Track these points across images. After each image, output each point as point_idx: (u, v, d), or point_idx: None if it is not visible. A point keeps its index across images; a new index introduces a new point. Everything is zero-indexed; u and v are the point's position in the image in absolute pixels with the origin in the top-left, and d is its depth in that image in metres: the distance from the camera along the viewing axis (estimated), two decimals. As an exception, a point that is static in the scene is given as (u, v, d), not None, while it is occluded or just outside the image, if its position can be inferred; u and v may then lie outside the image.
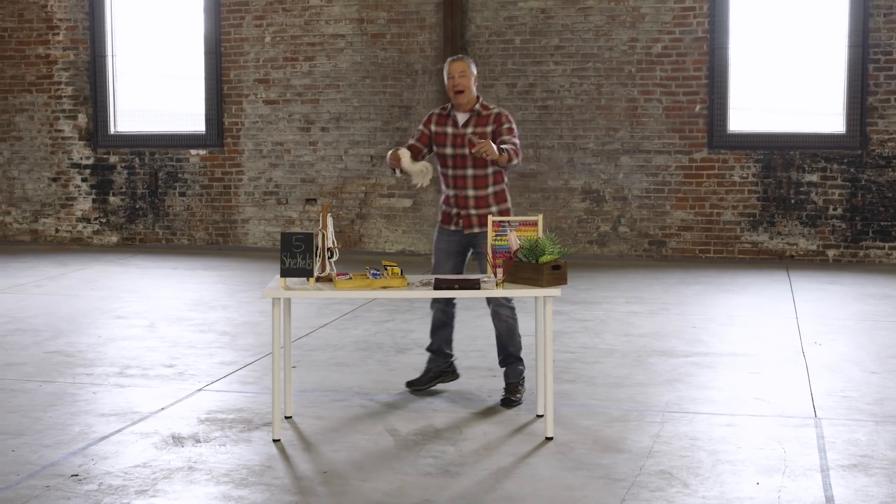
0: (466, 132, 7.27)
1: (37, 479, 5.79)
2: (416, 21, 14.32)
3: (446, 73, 7.31)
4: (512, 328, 7.41)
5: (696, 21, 13.53)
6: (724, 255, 13.66)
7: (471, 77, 7.28)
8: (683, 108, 13.66)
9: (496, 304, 7.37)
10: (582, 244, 14.05)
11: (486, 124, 7.29)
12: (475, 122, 7.30)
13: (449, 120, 7.38)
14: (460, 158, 7.28)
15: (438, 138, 7.36)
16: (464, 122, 7.32)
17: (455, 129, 7.32)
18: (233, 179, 15.05)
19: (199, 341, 9.29)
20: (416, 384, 7.55)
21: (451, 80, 7.27)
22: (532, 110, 14.07)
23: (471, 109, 7.34)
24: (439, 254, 7.46)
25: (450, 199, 7.39)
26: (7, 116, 15.71)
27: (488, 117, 7.32)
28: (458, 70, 7.26)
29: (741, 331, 9.69)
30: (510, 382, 7.39)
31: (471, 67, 7.30)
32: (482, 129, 7.27)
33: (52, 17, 15.41)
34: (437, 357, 7.60)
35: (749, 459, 6.08)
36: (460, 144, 7.28)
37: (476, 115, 7.33)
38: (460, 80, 7.24)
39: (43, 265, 13.76)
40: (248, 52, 14.85)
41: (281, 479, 5.82)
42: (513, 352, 7.44)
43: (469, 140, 7.13)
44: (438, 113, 7.47)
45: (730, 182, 13.59)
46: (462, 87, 7.24)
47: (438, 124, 7.40)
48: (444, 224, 7.46)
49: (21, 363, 8.48)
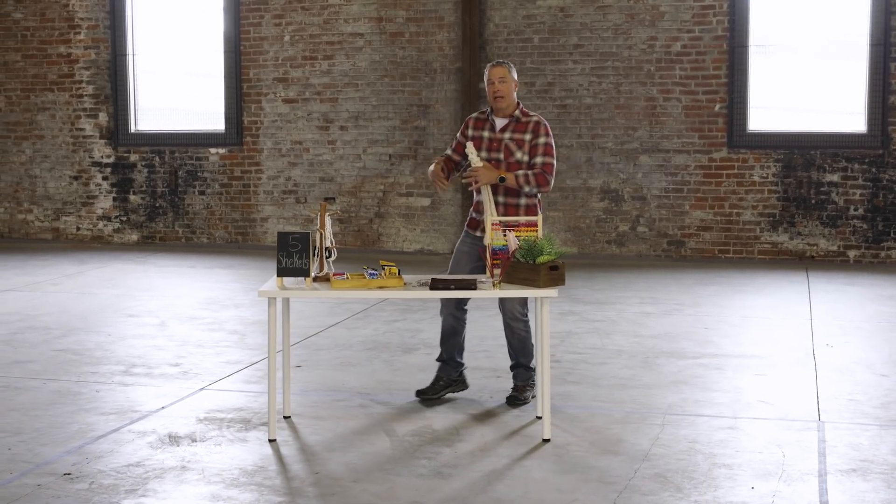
0: (504, 137, 7.17)
1: (29, 478, 5.79)
2: (435, 20, 14.28)
3: (487, 78, 7.20)
4: (524, 340, 7.32)
5: (715, 19, 13.43)
6: (743, 256, 13.55)
7: (511, 83, 7.17)
8: (703, 108, 13.56)
9: (510, 318, 7.25)
10: (600, 244, 13.97)
11: (525, 131, 7.17)
12: (513, 128, 7.18)
13: (487, 124, 7.27)
14: (494, 163, 7.14)
15: (475, 143, 7.20)
16: (502, 128, 7.21)
17: (492, 133, 7.21)
18: (252, 178, 15.07)
19: (208, 340, 9.29)
20: (426, 393, 7.37)
21: (492, 86, 7.15)
22: (551, 109, 14.00)
23: (510, 115, 7.22)
24: (459, 255, 7.31)
25: (480, 205, 7.24)
26: (29, 115, 15.80)
27: (527, 124, 7.19)
28: (498, 76, 7.14)
29: (753, 332, 9.59)
30: (518, 384, 7.34)
31: (511, 73, 7.19)
32: (520, 136, 7.15)
33: (74, 17, 15.48)
34: (447, 366, 7.44)
35: (746, 463, 6.01)
36: (496, 149, 7.17)
37: (515, 121, 7.20)
38: (501, 87, 7.12)
39: (62, 263, 13.82)
40: (268, 50, 14.86)
41: (272, 479, 5.79)
42: (524, 362, 7.36)
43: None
44: (476, 117, 7.35)
45: (749, 182, 13.48)
46: (503, 93, 7.13)
47: (476, 128, 7.28)
48: (469, 228, 7.33)
49: (28, 361, 8.50)
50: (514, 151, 7.14)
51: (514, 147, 7.14)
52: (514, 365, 7.43)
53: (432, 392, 7.38)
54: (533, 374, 7.38)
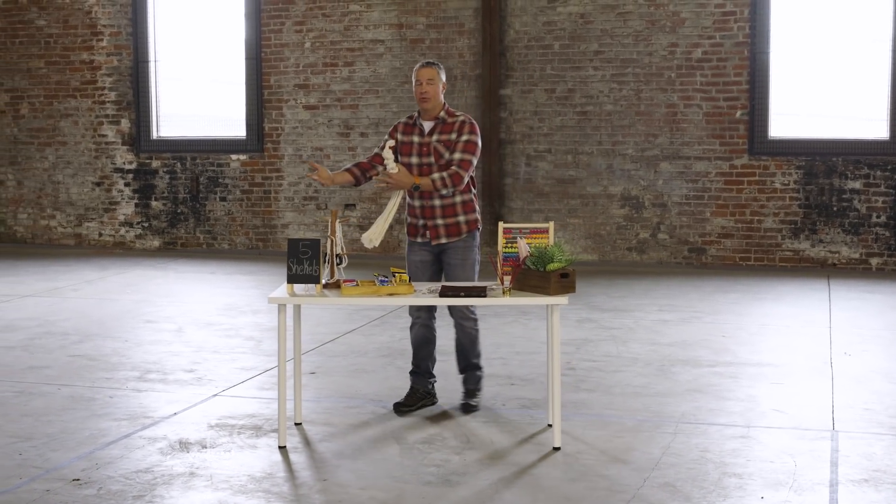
0: (432, 140, 7.13)
1: (38, 483, 5.81)
2: (455, 26, 14.27)
3: (414, 78, 7.14)
4: (474, 339, 7.32)
5: (736, 25, 13.37)
6: (764, 263, 13.47)
7: (439, 84, 7.12)
8: (724, 114, 13.50)
9: (461, 317, 7.23)
10: (620, 251, 13.92)
11: (451, 132, 7.12)
12: (440, 130, 7.14)
13: (415, 129, 7.20)
14: (426, 168, 7.11)
15: (404, 148, 7.17)
16: (429, 131, 7.16)
17: (421, 137, 7.16)
18: (273, 184, 15.10)
19: (224, 346, 9.30)
20: (404, 405, 7.26)
21: (419, 87, 7.08)
22: (571, 116, 13.97)
23: (436, 117, 7.17)
24: (413, 266, 7.25)
25: (416, 210, 7.21)
26: (52, 121, 15.88)
27: (453, 124, 7.14)
28: (426, 77, 7.08)
29: (771, 340, 9.53)
30: (470, 388, 7.34)
31: (440, 74, 7.14)
32: (447, 137, 7.10)
33: (97, 24, 15.55)
34: (422, 377, 7.39)
35: (757, 473, 5.96)
36: (426, 153, 7.12)
37: (441, 122, 7.16)
38: (428, 88, 7.06)
39: (83, 269, 13.87)
40: (289, 57, 14.89)
41: (279, 486, 5.79)
42: (474, 361, 7.36)
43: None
44: (405, 122, 7.28)
45: (771, 189, 13.40)
46: (429, 95, 7.07)
47: (405, 133, 7.21)
48: (411, 236, 7.30)
49: (44, 366, 8.53)
50: (443, 153, 7.10)
51: (442, 149, 7.10)
52: (465, 367, 7.40)
53: (410, 403, 7.27)
54: (481, 374, 7.42)
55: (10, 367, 8.51)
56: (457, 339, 7.35)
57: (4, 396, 7.62)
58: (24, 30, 15.87)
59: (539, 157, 14.14)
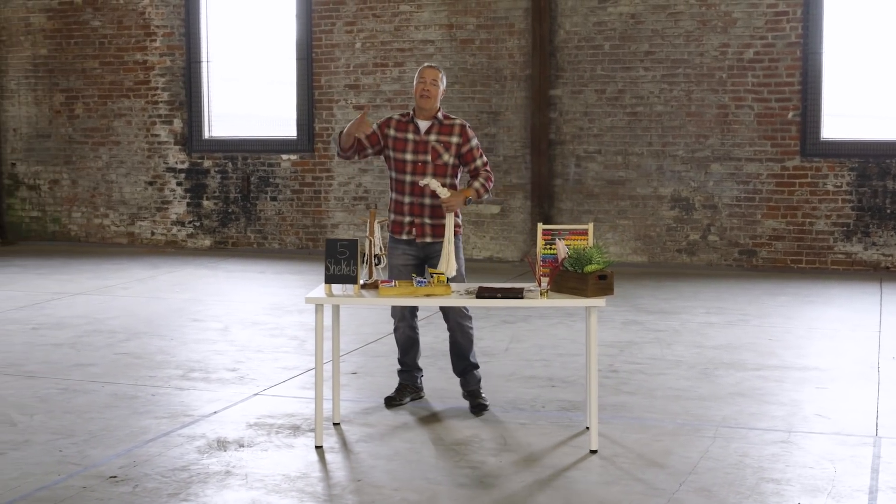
0: (430, 139, 7.21)
1: (76, 480, 5.87)
2: (505, 27, 14.25)
3: (418, 77, 7.24)
4: (472, 339, 7.38)
5: (789, 26, 13.22)
6: (816, 266, 13.31)
7: (440, 87, 7.22)
8: (775, 115, 13.36)
9: (459, 317, 7.27)
10: (670, 253, 13.83)
11: (451, 134, 7.23)
12: (438, 130, 7.23)
13: (410, 126, 7.28)
14: (420, 165, 7.20)
15: (398, 144, 7.25)
16: (426, 130, 7.24)
17: (416, 135, 7.23)
18: (323, 184, 15.15)
19: (268, 345, 9.34)
20: (394, 400, 7.43)
21: (422, 84, 7.19)
22: (621, 117, 13.89)
23: (433, 117, 7.26)
24: (394, 270, 7.22)
25: (403, 207, 7.29)
26: (106, 121, 16.04)
27: (451, 127, 7.26)
28: (430, 77, 7.20)
29: (818, 344, 9.42)
30: (472, 389, 7.34)
31: (442, 79, 7.25)
32: (446, 139, 7.22)
33: (150, 24, 15.69)
34: (411, 374, 7.56)
35: (796, 478, 5.89)
36: (422, 151, 7.20)
37: (438, 123, 7.26)
38: (431, 87, 7.17)
39: (135, 268, 14.00)
40: (339, 57, 14.94)
41: (313, 486, 5.80)
42: (472, 360, 7.40)
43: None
44: (398, 119, 7.36)
45: (823, 191, 13.25)
46: (431, 94, 7.17)
47: (399, 130, 7.28)
48: (395, 234, 7.32)
49: (90, 364, 8.62)
50: (442, 154, 7.20)
51: (441, 149, 7.19)
52: (464, 369, 7.41)
53: (399, 399, 7.45)
54: (479, 374, 7.45)
55: (56, 365, 8.60)
56: (453, 342, 7.38)
57: (49, 393, 7.71)
58: (79, 30, 16.05)
59: (589, 157, 14.08)
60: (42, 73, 16.30)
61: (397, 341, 7.53)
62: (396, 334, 7.50)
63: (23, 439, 6.62)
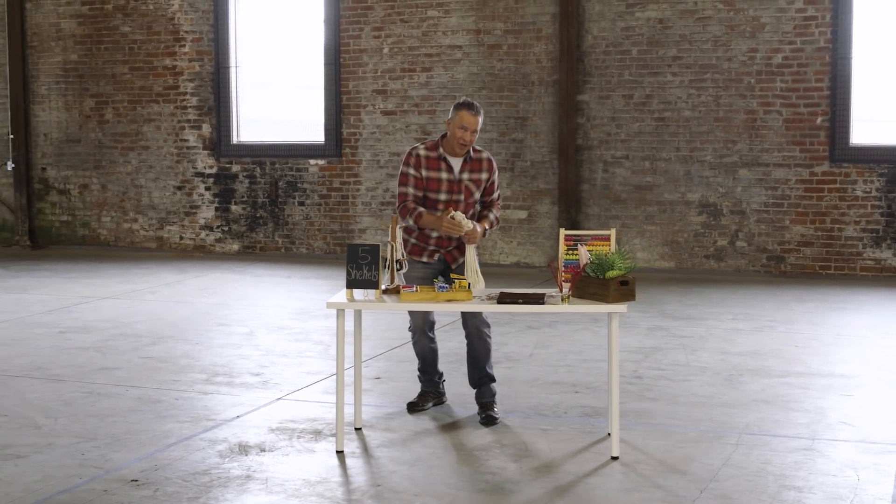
0: (463, 179, 7.14)
1: (97, 483, 5.89)
2: (533, 32, 14.23)
3: (459, 122, 7.01)
4: (490, 348, 7.32)
5: (818, 31, 13.15)
6: (845, 273, 13.22)
7: (478, 133, 7.11)
8: (804, 121, 13.29)
9: (480, 324, 7.21)
10: (698, 258, 13.77)
11: (481, 170, 7.19)
12: (470, 168, 7.16)
13: (442, 164, 7.14)
14: (454, 205, 7.12)
15: (431, 184, 7.12)
16: (459, 169, 7.14)
17: (450, 174, 7.13)
18: (350, 189, 15.18)
19: (293, 350, 9.36)
20: (416, 406, 7.43)
21: (464, 133, 7.00)
22: (649, 122, 13.85)
23: (463, 154, 7.16)
24: (412, 282, 7.12)
25: (429, 240, 7.21)
26: (135, 126, 16.13)
27: (480, 163, 7.20)
28: (474, 126, 7.01)
29: (845, 351, 9.35)
30: (486, 402, 7.24)
31: (482, 122, 7.11)
32: (477, 176, 7.17)
33: (179, 30, 15.77)
34: (432, 381, 7.55)
35: (818, 486, 5.85)
36: (457, 191, 7.13)
37: (469, 159, 7.17)
38: (472, 137, 7.04)
39: (163, 272, 14.07)
40: (367, 62, 14.96)
41: (333, 491, 5.80)
42: (489, 372, 7.31)
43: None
44: (426, 155, 7.16)
45: (852, 196, 13.16)
46: (470, 144, 7.08)
47: (430, 168, 7.13)
48: (414, 256, 7.23)
49: (115, 368, 8.66)
50: (473, 192, 7.20)
51: (473, 188, 7.18)
52: (480, 380, 7.31)
53: (421, 404, 7.45)
54: (496, 387, 7.36)
55: (82, 368, 8.65)
56: (471, 350, 7.30)
57: (74, 397, 7.75)
58: (110, 36, 16.14)
59: (616, 163, 14.04)
60: (72, 79, 16.41)
61: (417, 354, 7.49)
62: (416, 348, 7.46)
63: (46, 442, 6.66)
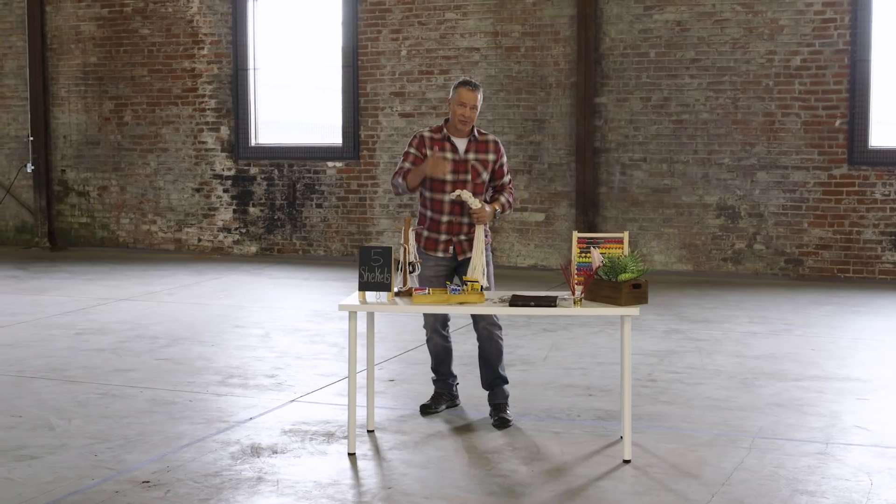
0: (469, 159, 7.13)
1: (109, 484, 5.91)
2: (551, 34, 14.22)
3: (457, 98, 7.05)
4: (501, 348, 7.30)
5: (836, 33, 13.10)
6: (863, 276, 13.16)
7: (479, 109, 7.14)
8: (823, 123, 13.23)
9: (490, 324, 7.19)
10: (716, 261, 13.73)
11: (487, 151, 7.19)
12: (475, 149, 7.16)
13: (447, 145, 7.15)
14: (460, 184, 7.10)
15: None
16: (465, 149, 7.14)
17: (455, 154, 7.12)
18: (368, 192, 15.19)
19: (307, 352, 9.37)
20: (429, 408, 7.41)
21: (462, 109, 7.03)
22: (667, 124, 13.82)
23: (468, 134, 7.18)
24: (426, 281, 7.13)
25: (440, 226, 7.19)
26: (154, 128, 16.19)
27: (487, 144, 7.21)
28: (471, 102, 7.04)
29: (862, 355, 9.30)
30: (499, 403, 7.22)
31: (481, 98, 7.12)
32: (483, 157, 7.17)
33: (198, 32, 15.82)
34: (446, 382, 7.53)
35: (831, 491, 5.82)
36: (462, 171, 7.11)
37: (475, 140, 7.18)
38: (471, 113, 7.06)
39: (180, 274, 14.11)
40: (385, 65, 14.97)
41: (343, 493, 5.80)
42: (501, 373, 7.29)
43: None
44: (431, 137, 7.19)
45: (871, 199, 13.10)
46: (470, 121, 7.09)
47: (434, 149, 7.14)
48: (429, 251, 7.22)
49: (130, 369, 8.68)
50: (481, 172, 7.17)
51: (480, 168, 7.16)
52: (492, 381, 7.29)
53: (435, 407, 7.43)
54: (508, 389, 7.35)
55: (97, 370, 8.68)
56: (483, 351, 7.28)
57: (88, 398, 7.77)
58: (129, 39, 16.21)
59: (634, 165, 14.01)
60: (92, 81, 16.48)
61: (430, 352, 7.50)
62: (430, 345, 7.46)
63: (59, 443, 6.68)
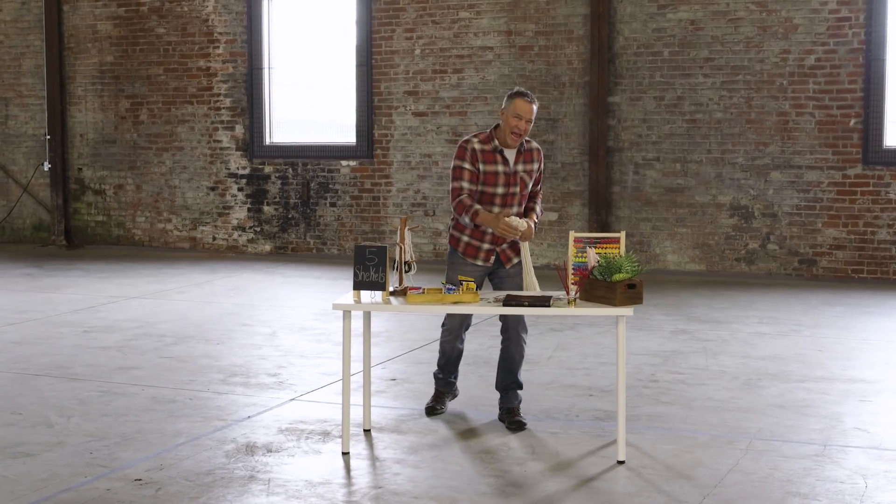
0: (518, 171, 7.02)
1: (101, 482, 5.92)
2: (564, 33, 14.18)
3: (514, 109, 6.86)
4: (524, 355, 7.25)
5: (851, 32, 13.01)
6: (877, 276, 13.07)
7: (532, 122, 7.00)
8: (837, 123, 13.14)
9: (521, 329, 7.14)
10: (729, 261, 13.66)
11: (532, 161, 7.09)
12: (524, 160, 7.05)
13: (497, 156, 6.99)
14: (510, 197, 7.01)
15: (488, 178, 6.96)
16: (514, 161, 7.02)
17: (506, 166, 6.99)
18: (381, 190, 15.20)
19: (312, 351, 9.37)
20: (435, 410, 7.38)
21: (517, 121, 6.85)
22: (680, 124, 13.76)
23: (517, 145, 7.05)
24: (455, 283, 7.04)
25: (485, 236, 7.06)
26: (169, 127, 16.24)
27: (531, 153, 7.10)
28: (528, 114, 6.87)
29: (869, 356, 9.23)
30: (512, 407, 7.16)
31: (535, 112, 6.97)
32: (530, 167, 7.07)
33: (213, 31, 15.86)
34: (449, 382, 7.51)
35: (824, 493, 5.77)
36: (513, 183, 7.01)
37: (522, 151, 7.05)
38: (526, 126, 6.90)
39: (194, 272, 14.15)
40: (399, 64, 14.97)
41: (333, 492, 5.80)
42: (518, 378, 7.24)
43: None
44: (482, 149, 6.97)
45: (885, 199, 13.00)
46: (525, 134, 6.93)
47: (487, 162, 6.97)
48: (469, 258, 7.11)
49: (134, 367, 8.71)
50: (528, 183, 7.10)
51: (527, 179, 7.08)
52: (508, 385, 7.22)
53: (440, 407, 7.41)
54: (521, 392, 7.30)
55: (102, 368, 8.70)
56: (507, 353, 7.20)
57: (89, 396, 7.80)
58: (145, 38, 16.27)
59: (647, 165, 13.96)
60: (108, 80, 16.55)
61: (443, 351, 7.40)
62: (445, 345, 7.38)
63: (57, 441, 6.70)
